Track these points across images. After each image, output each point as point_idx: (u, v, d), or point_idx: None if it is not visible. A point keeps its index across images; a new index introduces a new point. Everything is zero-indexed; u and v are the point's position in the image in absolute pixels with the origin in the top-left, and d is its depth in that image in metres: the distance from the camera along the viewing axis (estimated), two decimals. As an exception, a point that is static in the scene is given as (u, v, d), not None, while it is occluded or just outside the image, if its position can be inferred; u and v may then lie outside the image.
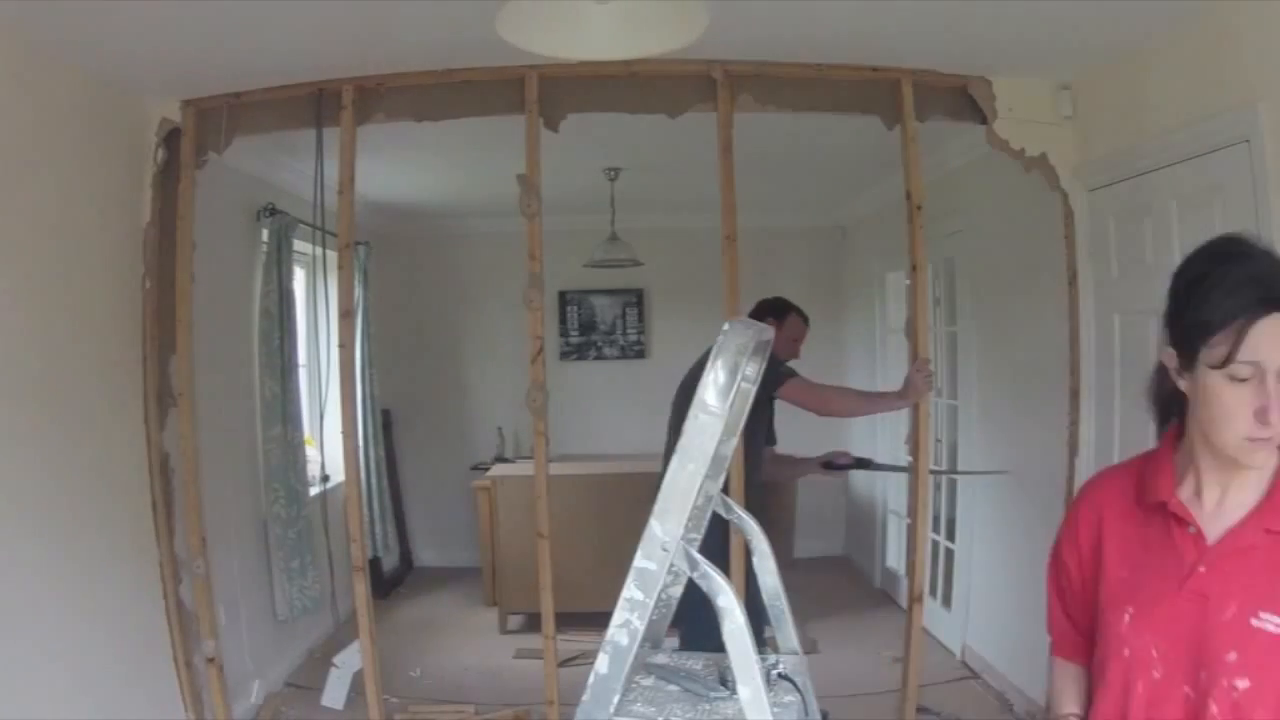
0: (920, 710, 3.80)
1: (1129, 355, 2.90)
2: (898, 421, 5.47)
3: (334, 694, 3.58)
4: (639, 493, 4.90)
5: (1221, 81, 2.41)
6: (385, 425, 5.93)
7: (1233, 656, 1.15)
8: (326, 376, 3.94)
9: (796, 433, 6.59)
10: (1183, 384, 1.21)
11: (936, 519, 4.89)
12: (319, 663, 4.48)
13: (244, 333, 4.06)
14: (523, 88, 3.10)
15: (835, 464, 3.86)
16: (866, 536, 6.04)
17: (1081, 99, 3.17)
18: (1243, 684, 1.14)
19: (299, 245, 4.32)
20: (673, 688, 1.39)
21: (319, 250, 3.58)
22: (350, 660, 3.56)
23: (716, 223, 3.22)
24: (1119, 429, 2.98)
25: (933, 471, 3.80)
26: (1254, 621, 1.15)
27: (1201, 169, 2.52)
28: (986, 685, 3.84)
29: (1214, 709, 1.15)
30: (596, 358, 6.62)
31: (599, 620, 4.97)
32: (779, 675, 1.40)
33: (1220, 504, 1.22)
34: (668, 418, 3.55)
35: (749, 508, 1.86)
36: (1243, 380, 1.12)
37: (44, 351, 2.65)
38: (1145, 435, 2.79)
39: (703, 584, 1.19)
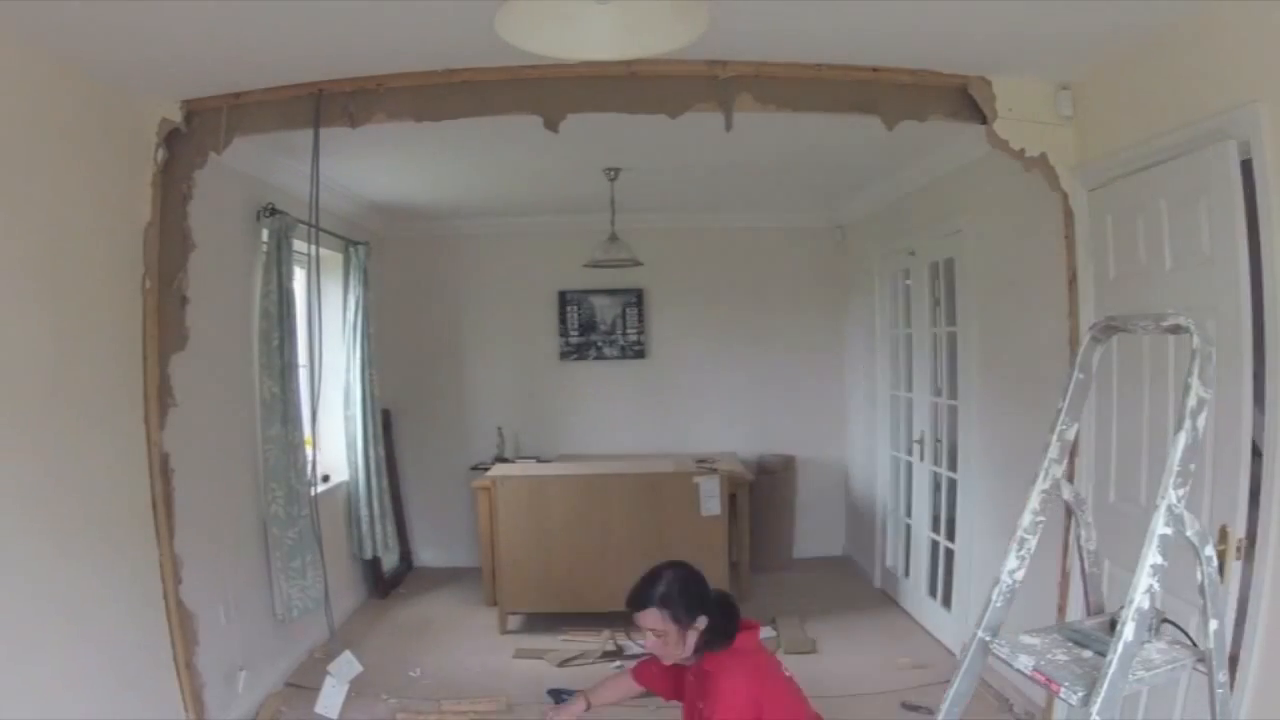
0: (916, 709, 3.81)
1: (1128, 356, 2.90)
2: (899, 422, 5.48)
3: (329, 702, 3.58)
4: (639, 493, 4.95)
5: (1221, 81, 2.41)
6: (385, 425, 5.93)
7: None
8: (321, 376, 3.92)
9: (797, 424, 6.61)
10: None
11: (936, 519, 4.89)
12: (319, 663, 4.48)
13: (244, 333, 4.06)
14: (522, 88, 3.10)
15: None
16: (866, 536, 6.04)
17: (1081, 99, 3.17)
18: None
19: (299, 245, 4.32)
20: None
21: (316, 250, 3.56)
22: (344, 669, 3.55)
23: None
24: (1117, 429, 2.98)
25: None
26: None
27: (1190, 167, 2.53)
28: (986, 685, 3.84)
29: None
30: (596, 358, 6.62)
31: (599, 621, 5.01)
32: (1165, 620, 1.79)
33: None
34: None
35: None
36: None
37: (44, 351, 2.65)
38: (1140, 435, 2.81)
39: (1197, 540, 1.63)
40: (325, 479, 5.17)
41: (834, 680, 4.18)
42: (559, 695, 3.94)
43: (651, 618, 2.47)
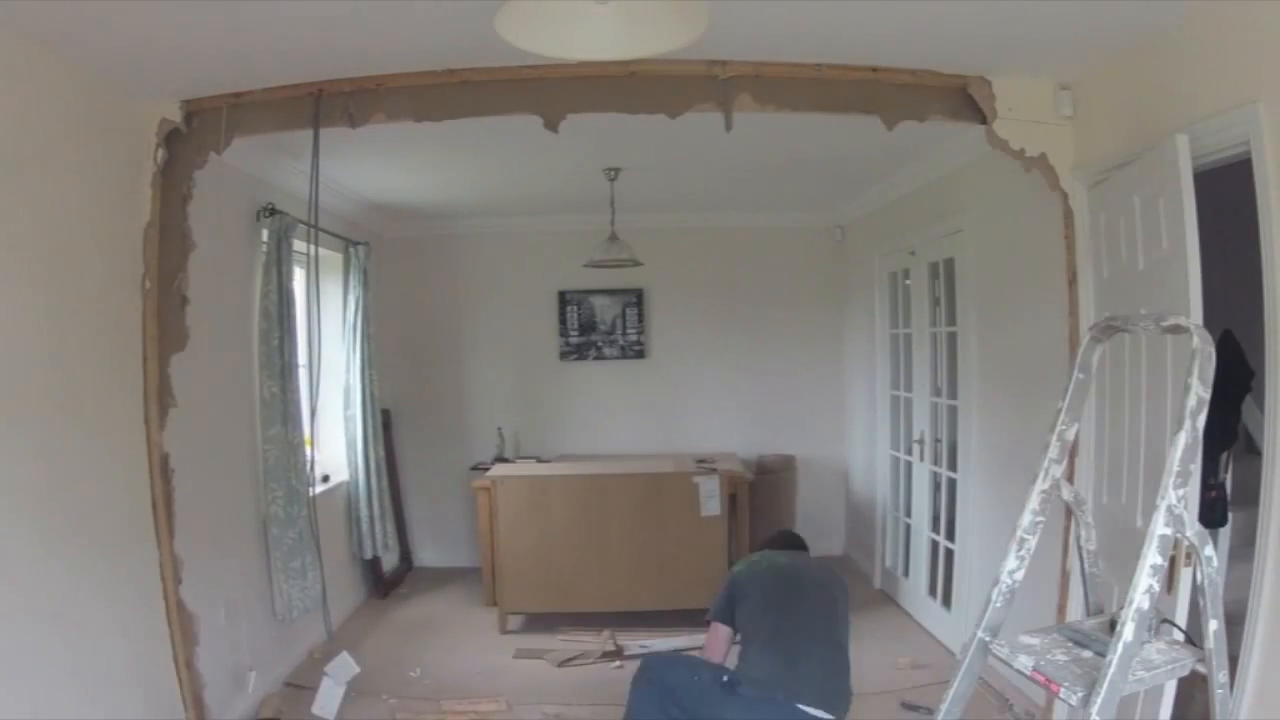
0: (916, 709, 3.81)
1: (1127, 355, 2.90)
2: (898, 422, 5.48)
3: (325, 703, 3.58)
4: (639, 493, 4.96)
5: (1220, 81, 2.41)
6: (385, 425, 5.93)
7: None
8: (321, 376, 3.92)
9: (783, 424, 6.59)
10: None
11: (936, 519, 4.89)
12: (319, 663, 4.48)
13: (244, 333, 4.06)
14: (522, 88, 3.10)
15: None
16: (866, 536, 6.04)
17: (1082, 99, 3.17)
18: None
19: (299, 245, 4.32)
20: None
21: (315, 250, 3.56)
22: (341, 670, 3.56)
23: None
24: (1117, 429, 2.97)
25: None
26: None
27: (1147, 166, 2.56)
28: (986, 685, 3.84)
29: None
30: (596, 358, 6.62)
31: (599, 620, 4.98)
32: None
33: None
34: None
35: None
36: None
37: (44, 351, 2.65)
38: (1139, 435, 2.80)
39: (1196, 540, 1.62)
40: (325, 479, 5.17)
41: (834, 680, 4.18)
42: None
43: None
